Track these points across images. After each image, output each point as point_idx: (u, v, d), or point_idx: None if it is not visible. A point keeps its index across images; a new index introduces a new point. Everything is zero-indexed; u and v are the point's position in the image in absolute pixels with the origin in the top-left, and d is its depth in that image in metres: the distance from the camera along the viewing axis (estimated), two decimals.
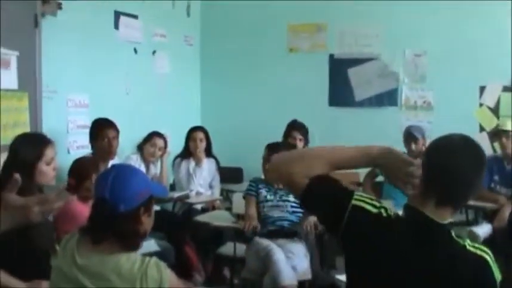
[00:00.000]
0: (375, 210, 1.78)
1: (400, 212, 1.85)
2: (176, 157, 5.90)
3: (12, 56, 4.12)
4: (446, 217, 1.78)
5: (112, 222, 2.12)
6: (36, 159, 2.99)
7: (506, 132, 5.30)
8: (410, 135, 5.35)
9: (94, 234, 2.14)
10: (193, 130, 5.91)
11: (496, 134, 5.56)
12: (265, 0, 6.99)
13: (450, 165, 1.73)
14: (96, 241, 2.13)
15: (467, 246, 1.75)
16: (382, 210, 1.78)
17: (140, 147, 5.54)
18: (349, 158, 1.84)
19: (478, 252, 1.75)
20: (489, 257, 1.74)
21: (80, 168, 3.83)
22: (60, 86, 4.90)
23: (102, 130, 4.84)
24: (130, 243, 2.16)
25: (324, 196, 1.83)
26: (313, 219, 4.47)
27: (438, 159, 1.77)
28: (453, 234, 1.77)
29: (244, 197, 4.76)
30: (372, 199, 1.81)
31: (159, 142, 5.51)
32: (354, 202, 1.78)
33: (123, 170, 2.25)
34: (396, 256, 1.76)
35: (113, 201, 2.11)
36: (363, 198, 1.80)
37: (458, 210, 1.79)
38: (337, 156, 1.85)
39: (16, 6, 4.14)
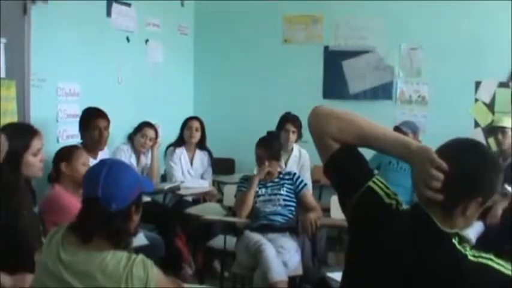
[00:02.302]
0: (387, 200, 1.76)
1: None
2: (169, 145, 5.85)
3: None
4: (455, 222, 1.72)
5: (104, 221, 2.07)
6: (23, 150, 2.92)
7: (502, 128, 5.27)
8: (398, 131, 5.31)
9: (83, 233, 2.09)
10: (190, 119, 5.89)
11: (492, 131, 5.53)
12: None
13: (452, 167, 1.66)
14: (86, 239, 2.08)
15: (469, 257, 1.68)
16: (394, 202, 1.76)
17: (131, 138, 5.48)
18: (385, 141, 1.75)
19: (481, 260, 1.68)
20: (492, 261, 1.68)
21: (63, 157, 3.76)
22: (50, 74, 4.81)
23: (93, 120, 4.76)
24: (122, 242, 2.12)
25: (347, 167, 1.81)
26: (313, 215, 4.43)
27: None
28: (456, 242, 1.70)
29: (235, 196, 4.72)
30: (388, 188, 1.78)
31: (150, 133, 5.44)
32: (370, 184, 1.76)
33: (115, 167, 2.17)
34: (393, 252, 1.73)
35: (106, 200, 2.06)
36: (380, 184, 1.77)
37: (467, 214, 1.72)
38: (374, 132, 1.77)
39: None
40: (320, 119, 1.83)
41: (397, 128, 5.31)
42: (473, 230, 4.74)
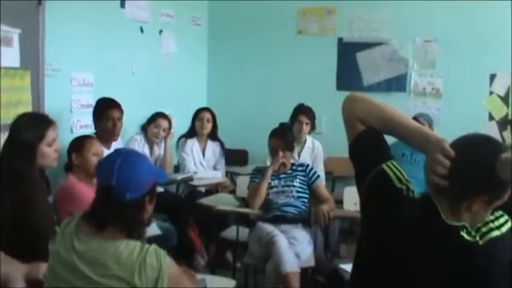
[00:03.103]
0: (398, 184, 1.79)
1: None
2: (181, 137, 5.86)
3: (14, 34, 4.06)
4: (462, 217, 1.72)
5: (117, 210, 2.07)
6: (38, 140, 2.93)
7: None
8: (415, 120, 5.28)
9: (97, 222, 2.09)
10: (201, 110, 5.91)
11: (506, 124, 5.49)
12: None
13: (460, 160, 1.67)
14: (99, 228, 2.08)
15: (480, 242, 1.70)
16: (404, 188, 1.79)
17: (144, 128, 5.49)
18: (408, 129, 1.81)
19: (487, 237, 1.70)
20: (492, 231, 1.72)
21: (74, 148, 3.78)
22: (64, 64, 4.82)
23: (106, 110, 4.78)
24: (135, 232, 2.12)
25: (367, 147, 1.87)
26: (326, 207, 4.42)
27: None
28: (464, 233, 1.71)
29: (248, 187, 4.72)
30: (401, 173, 1.82)
31: (164, 123, 5.45)
32: (383, 166, 1.81)
33: (130, 156, 2.17)
34: (401, 236, 1.75)
35: (120, 189, 2.06)
36: (393, 169, 1.82)
37: (473, 210, 1.72)
38: (398, 119, 1.83)
39: None
40: (351, 103, 1.91)
41: (414, 119, 5.29)
42: None
